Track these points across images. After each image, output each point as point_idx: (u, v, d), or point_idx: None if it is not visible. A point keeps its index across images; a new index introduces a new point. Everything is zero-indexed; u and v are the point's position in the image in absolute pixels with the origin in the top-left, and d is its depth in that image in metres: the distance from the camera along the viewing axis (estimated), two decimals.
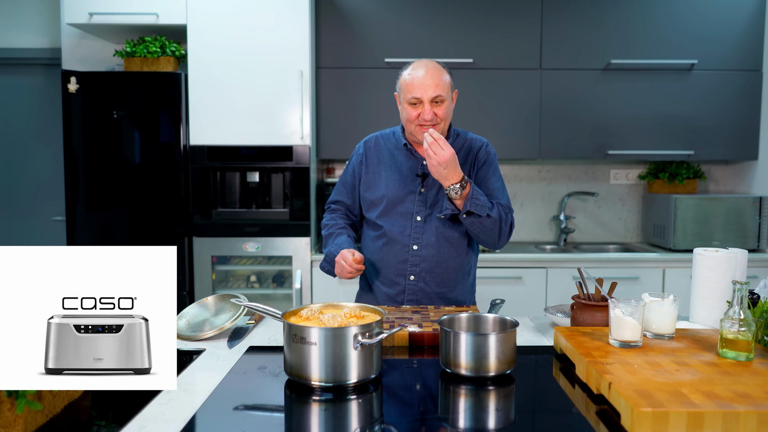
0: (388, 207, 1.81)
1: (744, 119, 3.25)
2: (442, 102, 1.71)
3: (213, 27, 2.97)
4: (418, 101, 1.70)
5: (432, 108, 1.69)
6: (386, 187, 1.82)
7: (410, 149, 1.83)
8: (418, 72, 1.70)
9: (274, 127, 3.01)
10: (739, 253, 1.53)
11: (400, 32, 3.19)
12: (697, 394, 0.98)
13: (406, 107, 1.73)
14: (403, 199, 1.80)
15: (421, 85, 1.68)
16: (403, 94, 1.74)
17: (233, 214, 3.06)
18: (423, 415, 1.06)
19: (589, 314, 1.43)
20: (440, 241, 1.79)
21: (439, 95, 1.69)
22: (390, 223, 1.81)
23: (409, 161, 1.83)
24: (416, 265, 1.79)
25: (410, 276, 1.79)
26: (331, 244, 1.82)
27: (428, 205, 1.79)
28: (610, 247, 3.50)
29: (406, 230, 1.79)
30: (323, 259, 1.85)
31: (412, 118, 1.72)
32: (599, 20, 3.22)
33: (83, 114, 2.93)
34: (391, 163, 1.84)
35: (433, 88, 1.68)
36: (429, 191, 1.79)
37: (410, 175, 1.81)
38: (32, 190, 3.58)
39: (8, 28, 3.45)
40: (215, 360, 1.33)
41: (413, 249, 1.78)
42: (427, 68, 1.70)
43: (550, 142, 3.26)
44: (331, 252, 1.80)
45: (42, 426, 0.96)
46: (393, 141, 1.87)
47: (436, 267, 1.79)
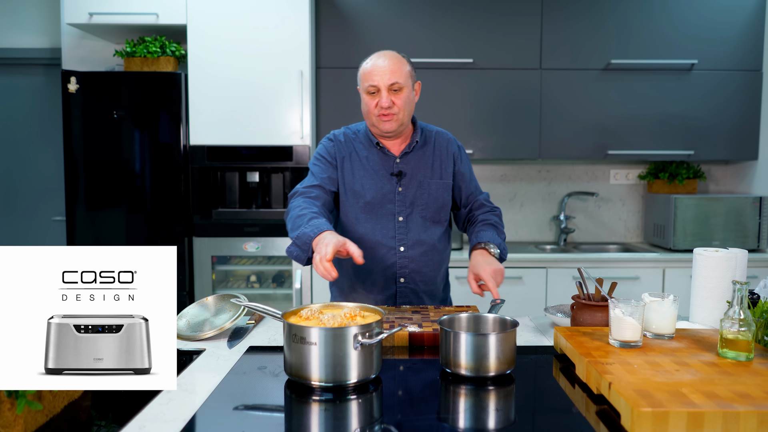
0: (368, 209, 1.74)
1: (744, 119, 3.25)
2: (401, 90, 1.66)
3: (213, 27, 2.97)
4: (375, 89, 1.66)
5: (390, 96, 1.65)
6: (362, 187, 1.74)
7: (382, 147, 1.76)
8: (376, 60, 1.67)
9: (274, 127, 3.01)
10: (739, 253, 1.53)
11: (400, 32, 3.19)
12: (697, 394, 0.98)
13: (365, 97, 1.69)
14: (383, 200, 1.74)
15: (378, 72, 1.65)
16: (362, 84, 1.70)
17: (233, 214, 3.06)
18: (423, 415, 1.06)
19: (589, 314, 1.43)
20: (424, 240, 1.75)
21: (397, 82, 1.65)
22: (371, 226, 1.74)
23: (381, 160, 1.76)
24: (405, 266, 1.75)
25: (400, 279, 1.75)
26: (307, 225, 1.52)
27: (408, 204, 1.75)
28: (610, 247, 3.50)
29: (389, 232, 1.74)
30: (293, 242, 1.53)
31: (371, 108, 1.68)
32: (599, 20, 3.22)
33: (83, 114, 2.93)
34: (364, 162, 1.76)
35: (389, 74, 1.64)
36: (407, 189, 1.75)
37: (385, 175, 1.75)
38: (32, 190, 3.58)
39: (8, 28, 3.45)
40: (215, 360, 1.33)
41: (400, 251, 1.74)
42: (385, 56, 1.67)
43: (550, 142, 3.26)
44: (307, 233, 1.49)
45: (42, 426, 0.96)
46: (360, 139, 1.79)
47: (424, 266, 1.76)
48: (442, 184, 1.78)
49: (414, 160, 1.77)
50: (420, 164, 1.77)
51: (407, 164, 1.76)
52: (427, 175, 1.77)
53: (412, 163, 1.76)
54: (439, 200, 1.78)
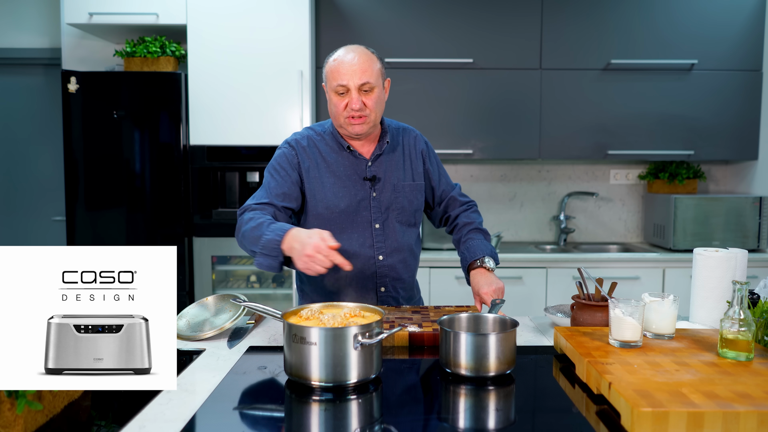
0: (343, 219, 1.63)
1: (744, 119, 3.25)
2: (372, 90, 1.56)
3: (213, 27, 2.97)
4: (344, 89, 1.55)
5: (360, 96, 1.55)
6: (335, 195, 1.63)
7: (353, 151, 1.65)
8: (344, 57, 1.55)
9: (274, 127, 3.01)
10: (739, 253, 1.53)
11: (400, 32, 3.19)
12: (697, 394, 0.98)
13: (333, 97, 1.58)
14: (357, 207, 1.64)
15: (348, 71, 1.53)
16: (329, 83, 1.58)
17: (233, 214, 3.06)
18: (423, 415, 1.06)
19: (589, 314, 1.43)
20: (402, 246, 1.69)
21: (368, 82, 1.54)
22: (348, 236, 1.63)
23: (352, 164, 1.65)
24: (385, 275, 1.68)
25: (381, 288, 1.69)
26: (268, 231, 1.43)
27: (383, 210, 1.66)
28: (610, 247, 3.50)
29: (367, 241, 1.65)
30: (259, 253, 1.44)
31: (339, 109, 1.57)
32: (599, 20, 3.22)
33: (83, 114, 2.93)
34: (333, 167, 1.64)
35: (359, 74, 1.53)
36: (381, 194, 1.66)
37: (358, 180, 1.65)
38: (32, 190, 3.58)
39: (8, 28, 3.45)
40: (215, 360, 1.33)
41: (379, 260, 1.66)
42: (354, 53, 1.56)
43: (550, 142, 3.26)
44: (272, 238, 1.41)
45: (42, 426, 0.96)
46: (327, 142, 1.67)
47: (404, 272, 1.71)
48: (415, 186, 1.72)
49: (386, 163, 1.69)
50: (392, 167, 1.69)
51: (379, 167, 1.68)
52: (400, 178, 1.69)
53: (384, 166, 1.68)
54: (414, 203, 1.72)
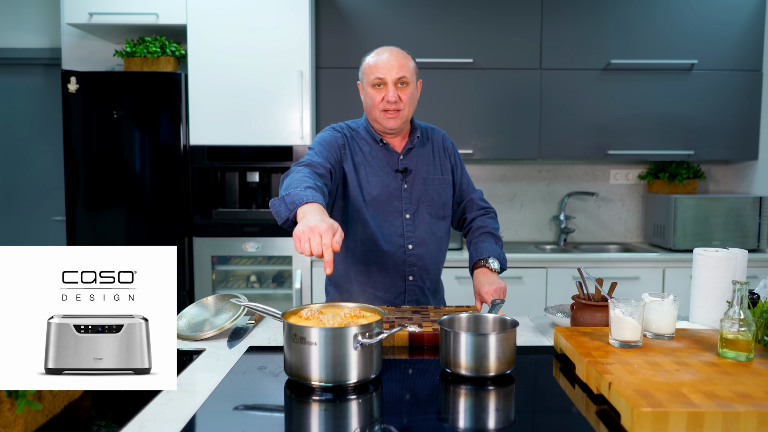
0: (375, 207, 1.72)
1: (744, 119, 3.25)
2: (407, 85, 1.66)
3: (213, 27, 2.97)
4: (381, 82, 1.64)
5: (396, 90, 1.64)
6: (368, 184, 1.72)
7: (386, 144, 1.75)
8: (382, 55, 1.66)
9: (274, 127, 3.01)
10: (739, 253, 1.53)
11: (400, 32, 3.19)
12: (697, 394, 0.98)
13: (370, 91, 1.67)
14: (389, 197, 1.73)
15: (386, 65, 1.64)
16: (366, 78, 1.68)
17: (233, 214, 3.06)
18: (423, 415, 1.06)
19: (589, 314, 1.43)
20: (432, 237, 1.77)
21: (404, 76, 1.64)
22: (379, 224, 1.72)
23: (385, 157, 1.75)
24: (414, 264, 1.75)
25: (409, 276, 1.76)
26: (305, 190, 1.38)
27: (414, 201, 1.75)
28: (610, 247, 3.50)
29: (398, 230, 1.73)
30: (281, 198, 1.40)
31: (376, 102, 1.66)
32: (599, 20, 3.22)
33: (83, 114, 2.93)
34: (368, 158, 1.74)
35: (397, 68, 1.63)
36: (413, 186, 1.75)
37: (390, 172, 1.74)
38: (32, 190, 3.58)
39: (8, 28, 3.45)
40: (215, 360, 1.33)
41: (409, 248, 1.74)
42: (391, 52, 1.67)
43: (550, 142, 3.26)
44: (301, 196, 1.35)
45: (42, 426, 0.96)
46: (362, 135, 1.76)
47: (431, 264, 1.78)
48: (444, 179, 1.80)
49: (417, 157, 1.78)
50: (422, 160, 1.78)
51: (411, 161, 1.76)
52: (430, 172, 1.78)
53: (414, 159, 1.77)
54: (442, 196, 1.79)
